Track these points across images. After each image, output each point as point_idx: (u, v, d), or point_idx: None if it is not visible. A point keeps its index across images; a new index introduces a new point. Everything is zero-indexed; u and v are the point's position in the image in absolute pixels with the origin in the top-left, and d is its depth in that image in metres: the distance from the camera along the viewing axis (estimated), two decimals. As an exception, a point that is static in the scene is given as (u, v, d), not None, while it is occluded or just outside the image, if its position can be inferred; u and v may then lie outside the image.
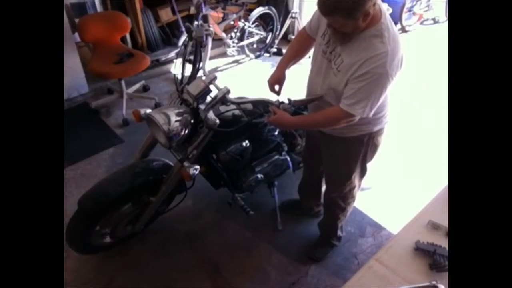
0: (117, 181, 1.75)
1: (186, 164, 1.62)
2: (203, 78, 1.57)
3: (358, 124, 1.52)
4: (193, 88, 1.55)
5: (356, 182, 1.80)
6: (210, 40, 1.73)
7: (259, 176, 2.04)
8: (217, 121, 1.54)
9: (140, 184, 1.77)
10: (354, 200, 1.94)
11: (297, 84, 1.84)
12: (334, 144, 1.67)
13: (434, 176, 2.53)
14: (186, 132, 1.58)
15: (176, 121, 1.53)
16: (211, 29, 1.75)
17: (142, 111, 1.67)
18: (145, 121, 1.65)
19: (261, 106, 1.73)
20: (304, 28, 1.65)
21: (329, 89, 1.47)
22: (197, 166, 1.63)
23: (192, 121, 1.60)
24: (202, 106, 1.58)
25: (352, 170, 1.72)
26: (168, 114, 1.53)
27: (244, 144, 1.86)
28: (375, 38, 1.29)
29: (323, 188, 2.06)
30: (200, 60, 1.69)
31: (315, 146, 1.81)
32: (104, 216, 1.80)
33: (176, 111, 1.56)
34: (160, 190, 1.80)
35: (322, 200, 2.13)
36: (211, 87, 1.57)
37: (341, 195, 1.85)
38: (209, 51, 1.74)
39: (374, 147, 1.66)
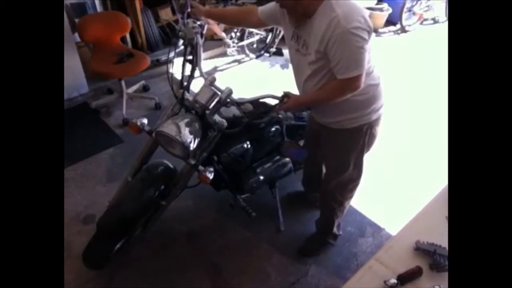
0: (132, 198, 1.73)
1: (201, 168, 1.63)
2: (206, 84, 1.58)
3: (358, 116, 1.61)
4: (201, 97, 1.57)
5: (354, 174, 1.83)
6: (200, 38, 1.70)
7: (261, 177, 2.04)
8: (225, 123, 1.56)
9: (154, 195, 1.75)
10: (351, 196, 1.96)
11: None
12: (335, 135, 1.74)
13: (434, 176, 2.53)
14: (199, 138, 1.58)
15: (188, 130, 1.53)
16: (197, 25, 1.69)
17: (138, 122, 1.66)
18: (144, 132, 1.66)
19: (262, 107, 1.74)
20: (257, 8, 1.72)
21: (309, 76, 1.55)
22: (211, 169, 1.64)
23: (200, 126, 1.60)
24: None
25: (350, 159, 1.77)
26: (178, 125, 1.52)
27: (245, 145, 1.86)
28: (325, 10, 1.39)
29: None
30: (197, 61, 1.69)
31: (316, 139, 1.85)
32: (126, 233, 1.84)
33: (184, 120, 1.56)
34: (170, 194, 1.81)
35: None
36: (212, 88, 1.58)
37: (339, 185, 1.87)
38: (202, 49, 1.73)
39: (372, 137, 1.72)
